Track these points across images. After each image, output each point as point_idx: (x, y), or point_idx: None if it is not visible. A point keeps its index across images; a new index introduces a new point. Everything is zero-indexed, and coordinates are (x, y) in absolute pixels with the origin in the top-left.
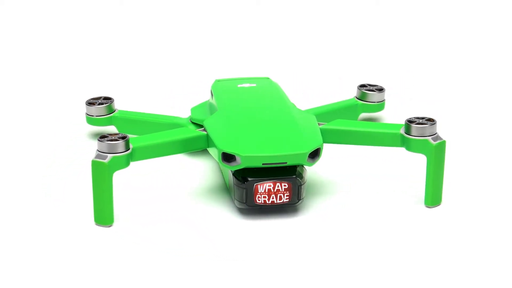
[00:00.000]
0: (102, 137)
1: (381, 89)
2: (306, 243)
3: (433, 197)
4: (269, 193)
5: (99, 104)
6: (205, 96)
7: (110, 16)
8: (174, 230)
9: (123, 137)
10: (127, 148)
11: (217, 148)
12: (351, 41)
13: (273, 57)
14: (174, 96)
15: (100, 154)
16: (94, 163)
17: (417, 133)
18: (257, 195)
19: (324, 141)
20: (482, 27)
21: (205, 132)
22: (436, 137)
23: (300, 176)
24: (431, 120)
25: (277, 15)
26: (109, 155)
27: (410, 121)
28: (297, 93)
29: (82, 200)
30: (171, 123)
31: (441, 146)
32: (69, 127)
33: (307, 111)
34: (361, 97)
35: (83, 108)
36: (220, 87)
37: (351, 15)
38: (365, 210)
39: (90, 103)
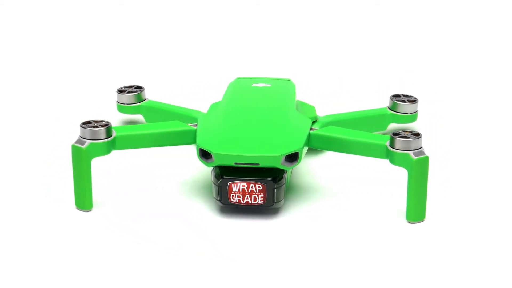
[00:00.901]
0: (85, 123)
1: (414, 100)
2: (279, 246)
3: (415, 212)
4: (243, 193)
5: (129, 92)
6: None
7: (144, 8)
8: (153, 221)
9: (106, 125)
10: (108, 136)
11: (196, 144)
12: (390, 49)
13: (311, 59)
14: (209, 91)
15: (80, 139)
16: (73, 148)
17: (400, 147)
18: (231, 194)
19: (314, 147)
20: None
21: (195, 128)
22: (419, 152)
23: (278, 178)
24: (416, 134)
25: (318, 19)
26: (88, 141)
27: (395, 134)
28: (328, 98)
29: None
30: (195, 117)
31: (423, 161)
32: (69, 127)
33: (334, 116)
34: (392, 107)
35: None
36: (234, 85)
37: (390, 21)
38: (347, 219)
39: (121, 90)
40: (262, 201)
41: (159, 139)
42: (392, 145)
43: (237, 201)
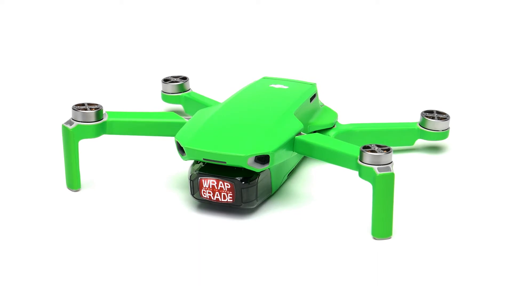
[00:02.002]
0: (78, 105)
1: (445, 118)
2: (236, 248)
3: (379, 228)
4: (213, 189)
5: (173, 82)
6: None
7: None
8: (131, 209)
9: (96, 108)
10: (98, 119)
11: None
12: (431, 61)
13: (352, 67)
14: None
15: (70, 120)
16: (62, 128)
17: (366, 160)
18: (202, 190)
19: (298, 152)
20: None
21: (187, 120)
22: (385, 167)
23: (249, 179)
24: (387, 149)
25: (363, 28)
26: (76, 123)
27: (364, 147)
28: (360, 106)
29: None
30: None
31: (387, 177)
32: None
33: (357, 125)
34: (422, 123)
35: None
36: (253, 84)
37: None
38: (316, 229)
39: (165, 80)
40: (231, 200)
41: (150, 129)
42: (360, 158)
43: (208, 197)
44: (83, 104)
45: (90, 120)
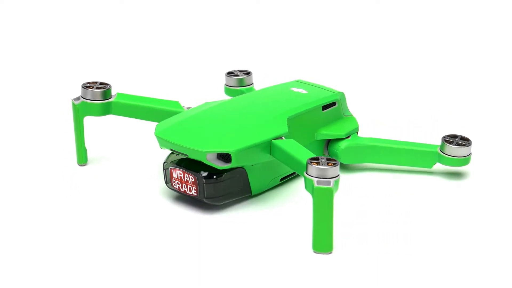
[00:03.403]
0: (89, 83)
1: (464, 144)
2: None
3: (319, 242)
4: (180, 181)
5: (235, 75)
6: None
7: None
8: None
9: (104, 88)
10: (102, 99)
11: None
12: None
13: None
14: None
15: (79, 97)
16: (71, 104)
17: (310, 172)
18: (173, 180)
19: (274, 155)
20: None
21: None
22: (325, 181)
23: (213, 175)
24: (333, 163)
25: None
26: (81, 99)
27: (312, 159)
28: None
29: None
30: None
31: (324, 191)
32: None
33: (380, 140)
34: (442, 147)
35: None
36: (280, 84)
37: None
38: (260, 238)
39: (229, 73)
40: (195, 194)
41: (151, 115)
42: (306, 169)
43: (177, 188)
44: (95, 83)
45: (96, 98)
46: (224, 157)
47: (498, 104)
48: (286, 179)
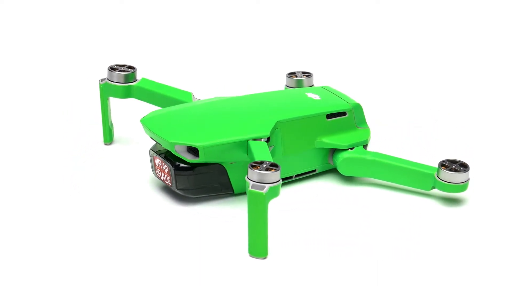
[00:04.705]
0: (116, 65)
1: (459, 170)
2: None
3: (254, 247)
4: (160, 169)
5: (295, 76)
6: None
7: None
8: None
9: (126, 71)
10: (124, 81)
11: None
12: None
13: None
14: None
15: (104, 78)
16: (99, 84)
17: (251, 177)
18: (156, 168)
19: (249, 156)
20: None
21: None
22: (260, 186)
23: (184, 168)
24: (273, 167)
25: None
26: (105, 80)
27: (255, 162)
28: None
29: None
30: None
31: (256, 196)
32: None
33: (381, 156)
34: (437, 172)
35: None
36: (303, 88)
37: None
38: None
39: (290, 74)
40: (170, 183)
41: (166, 102)
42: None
43: (159, 176)
44: (123, 66)
45: (119, 80)
46: (194, 150)
47: (498, 104)
48: None
